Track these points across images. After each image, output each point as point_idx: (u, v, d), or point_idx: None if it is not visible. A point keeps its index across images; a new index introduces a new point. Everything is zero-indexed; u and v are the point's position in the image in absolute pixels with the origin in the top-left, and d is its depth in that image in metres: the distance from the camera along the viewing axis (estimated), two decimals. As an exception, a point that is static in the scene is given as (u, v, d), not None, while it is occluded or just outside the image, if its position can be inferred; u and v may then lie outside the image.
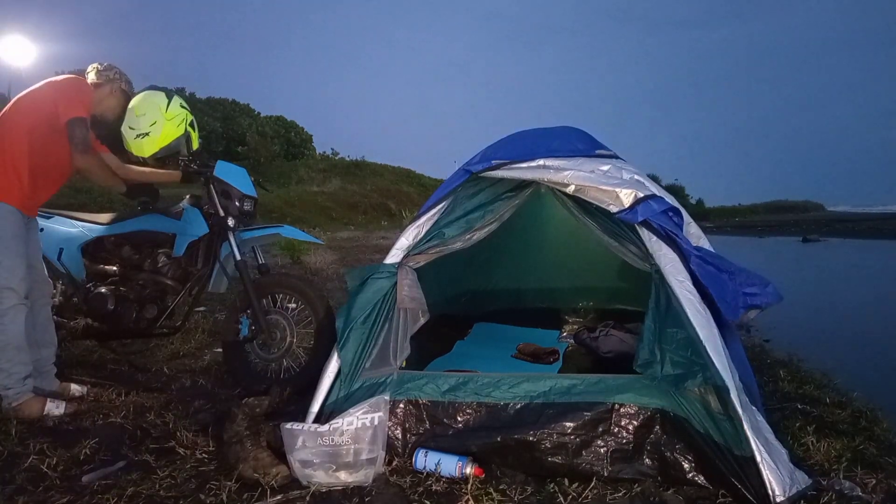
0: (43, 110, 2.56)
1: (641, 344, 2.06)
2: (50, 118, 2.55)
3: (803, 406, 2.75)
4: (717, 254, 2.15)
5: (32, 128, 2.54)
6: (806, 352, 4.05)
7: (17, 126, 2.54)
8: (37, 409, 2.49)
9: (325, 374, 2.18)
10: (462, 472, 1.98)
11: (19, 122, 2.54)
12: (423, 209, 2.49)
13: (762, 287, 2.04)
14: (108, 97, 2.80)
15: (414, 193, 26.37)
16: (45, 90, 2.60)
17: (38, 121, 2.56)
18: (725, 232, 26.36)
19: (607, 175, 2.24)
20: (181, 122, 2.84)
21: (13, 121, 2.55)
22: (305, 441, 1.98)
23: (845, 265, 12.55)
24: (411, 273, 2.40)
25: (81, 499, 1.89)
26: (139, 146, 2.81)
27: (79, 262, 3.02)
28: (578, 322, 4.00)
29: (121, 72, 2.85)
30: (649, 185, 2.28)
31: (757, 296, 2.03)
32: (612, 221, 2.23)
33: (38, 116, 2.56)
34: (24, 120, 2.55)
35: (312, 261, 8.25)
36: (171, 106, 2.82)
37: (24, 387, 2.48)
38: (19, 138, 2.52)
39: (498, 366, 3.00)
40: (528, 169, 2.30)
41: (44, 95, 2.59)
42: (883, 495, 1.92)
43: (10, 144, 2.51)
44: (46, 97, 2.58)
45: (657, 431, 1.99)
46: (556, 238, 4.10)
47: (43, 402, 2.51)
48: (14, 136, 2.52)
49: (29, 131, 2.53)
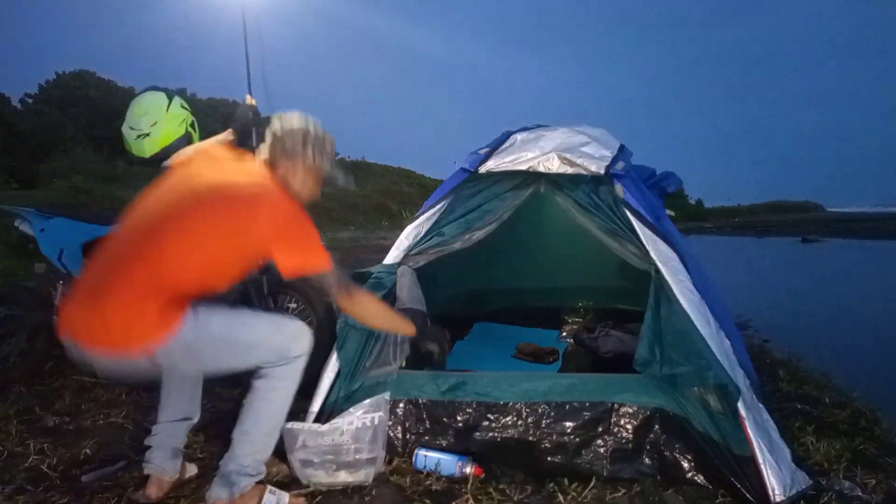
0: (246, 247, 1.67)
1: (641, 343, 2.06)
2: (250, 253, 1.71)
3: (803, 406, 2.76)
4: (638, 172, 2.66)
5: (219, 260, 1.66)
6: (805, 352, 4.06)
7: (199, 252, 1.61)
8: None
9: (325, 374, 2.19)
10: (462, 471, 1.99)
11: (203, 248, 1.61)
12: (422, 209, 2.50)
13: (670, 178, 2.93)
14: (300, 183, 1.81)
15: (414, 194, 26.35)
16: (261, 223, 1.62)
17: (231, 255, 1.67)
18: (725, 232, 26.37)
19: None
20: (182, 123, 2.84)
21: (194, 242, 1.60)
22: (306, 441, 1.98)
23: (845, 265, 12.56)
24: (411, 273, 2.40)
25: (81, 499, 1.89)
26: (139, 147, 2.81)
27: (79, 262, 3.02)
28: (578, 322, 4.00)
29: (320, 135, 1.81)
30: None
31: (669, 185, 2.92)
32: (613, 221, 2.24)
33: (234, 251, 1.66)
34: (214, 247, 1.62)
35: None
36: (172, 106, 2.82)
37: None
38: (195, 268, 1.62)
39: (498, 366, 3.00)
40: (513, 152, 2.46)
41: (252, 229, 1.62)
42: (883, 495, 1.92)
43: (179, 271, 1.59)
44: (261, 234, 1.62)
45: (657, 431, 1.99)
46: (556, 238, 4.09)
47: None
48: (193, 263, 1.61)
49: (212, 261, 1.64)
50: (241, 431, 1.76)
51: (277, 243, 1.64)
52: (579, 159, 2.31)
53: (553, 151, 2.35)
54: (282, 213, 1.64)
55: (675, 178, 2.98)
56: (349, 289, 1.75)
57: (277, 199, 1.66)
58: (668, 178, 2.94)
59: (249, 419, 1.76)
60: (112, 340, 1.53)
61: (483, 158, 2.45)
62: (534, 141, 2.45)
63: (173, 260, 1.57)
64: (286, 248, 1.65)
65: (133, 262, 1.56)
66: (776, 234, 23.23)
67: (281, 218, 1.64)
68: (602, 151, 2.36)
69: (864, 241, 19.06)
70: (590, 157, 2.33)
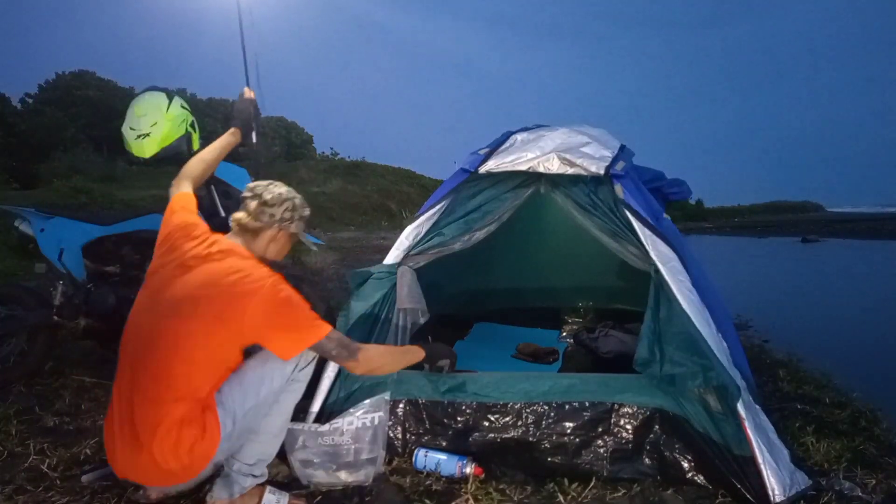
0: (244, 339, 1.69)
1: (640, 343, 2.06)
2: (248, 343, 1.72)
3: (803, 406, 2.76)
4: (641, 174, 2.65)
5: (220, 357, 1.69)
6: (805, 352, 4.06)
7: (201, 352, 1.64)
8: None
9: (326, 374, 2.18)
10: (462, 471, 1.99)
11: (203, 348, 1.64)
12: (422, 209, 2.50)
13: (679, 186, 2.86)
14: (270, 244, 1.87)
15: (414, 194, 26.35)
16: (253, 317, 1.64)
17: (232, 349, 1.70)
18: (725, 232, 26.37)
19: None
20: (182, 123, 2.84)
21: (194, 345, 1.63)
22: (306, 441, 1.98)
23: (845, 265, 12.56)
24: (411, 273, 2.40)
25: (81, 499, 1.89)
26: (140, 147, 2.81)
27: (79, 262, 3.02)
28: (578, 322, 4.00)
29: (299, 203, 1.90)
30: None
31: (676, 193, 2.85)
32: (612, 222, 2.24)
33: (234, 345, 1.69)
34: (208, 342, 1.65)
35: (313, 261, 8.26)
36: (172, 107, 2.82)
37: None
38: (203, 369, 1.65)
39: (498, 366, 3.00)
40: (513, 152, 2.46)
41: (245, 325, 1.64)
42: (883, 495, 1.92)
43: (191, 378, 1.63)
44: (255, 326, 1.65)
45: (656, 431, 1.99)
46: (556, 238, 4.09)
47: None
48: (198, 366, 1.64)
49: (214, 358, 1.67)
50: (250, 431, 1.77)
51: (270, 332, 1.68)
52: (579, 160, 2.31)
53: (553, 152, 2.35)
54: (270, 304, 1.66)
55: (685, 186, 2.89)
56: (350, 349, 1.76)
57: (263, 290, 1.66)
58: (678, 185, 2.86)
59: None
60: (177, 478, 1.65)
61: (483, 159, 2.46)
62: (534, 141, 2.45)
63: (181, 371, 1.61)
64: (281, 335, 1.69)
65: (149, 386, 1.60)
66: (776, 235, 23.23)
67: (270, 309, 1.66)
68: (602, 152, 2.36)
69: (864, 241, 19.06)
70: (590, 157, 2.33)
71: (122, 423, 1.62)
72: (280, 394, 1.79)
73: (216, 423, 1.63)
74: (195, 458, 1.61)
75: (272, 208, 1.81)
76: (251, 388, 1.71)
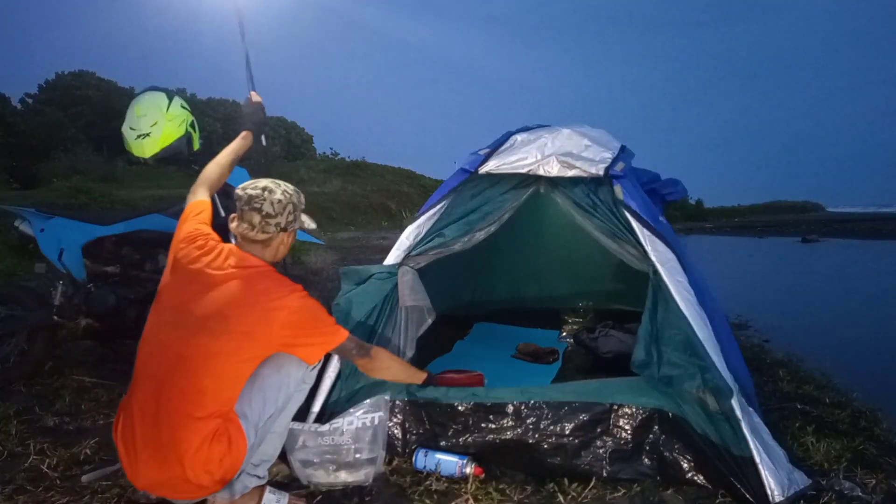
0: (270, 350, 1.72)
1: (638, 345, 2.07)
2: (272, 352, 1.73)
3: (803, 406, 2.76)
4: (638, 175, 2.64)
5: (243, 373, 1.69)
6: (805, 352, 4.06)
7: (228, 368, 1.65)
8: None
9: (326, 374, 2.18)
10: (462, 471, 1.99)
11: (231, 364, 1.65)
12: (423, 209, 2.50)
13: (674, 186, 2.85)
14: (280, 247, 1.87)
15: (414, 194, 26.36)
16: (279, 332, 1.69)
17: (255, 362, 1.71)
18: (725, 232, 26.36)
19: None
20: (182, 123, 2.84)
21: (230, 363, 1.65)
22: (306, 441, 1.98)
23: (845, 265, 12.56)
24: (413, 273, 2.41)
25: (81, 499, 1.90)
26: (140, 147, 2.81)
27: (79, 262, 3.02)
28: (578, 322, 4.00)
29: (296, 199, 1.88)
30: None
31: (672, 193, 2.83)
32: (612, 222, 2.24)
33: (259, 358, 1.70)
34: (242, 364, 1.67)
35: (313, 261, 8.26)
36: (172, 107, 2.82)
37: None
38: (229, 383, 1.66)
39: (498, 366, 2.99)
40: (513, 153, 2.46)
41: (272, 333, 1.68)
42: (883, 495, 1.92)
43: (219, 392, 1.64)
44: (281, 337, 1.70)
45: (656, 431, 1.99)
46: (556, 239, 4.10)
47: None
48: (225, 380, 1.65)
49: (238, 374, 1.68)
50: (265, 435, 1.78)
51: (298, 341, 1.73)
52: (578, 162, 2.31)
53: (553, 155, 2.34)
54: (297, 317, 1.71)
55: (681, 186, 2.90)
56: (365, 348, 1.90)
57: (290, 304, 1.70)
58: (673, 185, 2.87)
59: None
60: (208, 491, 1.66)
61: (483, 159, 2.46)
62: (534, 142, 2.45)
63: (211, 388, 1.61)
64: (308, 342, 1.76)
65: (179, 404, 1.59)
66: (776, 235, 23.22)
67: (297, 321, 1.71)
68: (602, 153, 2.36)
69: (864, 241, 19.05)
70: (589, 159, 2.32)
71: (146, 440, 1.60)
72: (291, 396, 1.81)
73: (241, 434, 1.64)
74: (225, 471, 1.64)
75: (276, 218, 1.80)
76: (271, 396, 1.73)
